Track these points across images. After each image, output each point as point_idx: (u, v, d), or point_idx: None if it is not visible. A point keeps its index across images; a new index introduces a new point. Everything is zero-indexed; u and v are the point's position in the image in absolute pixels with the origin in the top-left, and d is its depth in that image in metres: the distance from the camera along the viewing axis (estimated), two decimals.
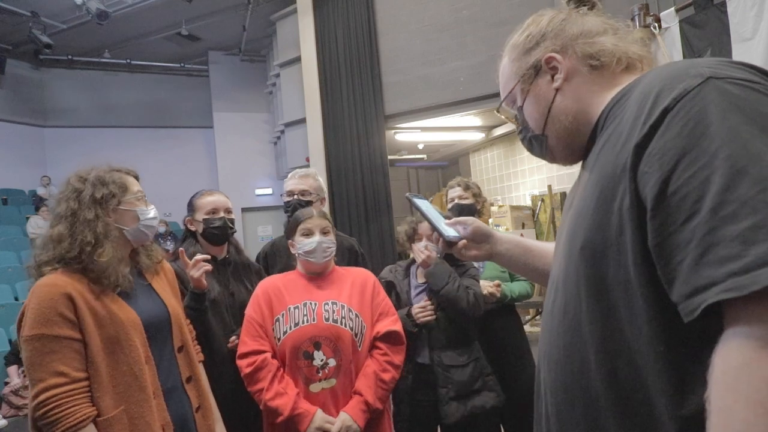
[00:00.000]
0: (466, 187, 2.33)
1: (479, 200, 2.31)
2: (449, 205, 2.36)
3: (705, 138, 0.47)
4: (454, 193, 2.36)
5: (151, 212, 1.28)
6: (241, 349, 1.52)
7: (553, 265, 0.77)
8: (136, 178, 1.33)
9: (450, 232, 0.96)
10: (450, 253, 0.97)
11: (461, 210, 2.34)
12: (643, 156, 0.52)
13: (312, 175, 2.16)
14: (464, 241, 0.96)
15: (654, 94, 0.53)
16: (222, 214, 1.78)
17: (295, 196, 2.06)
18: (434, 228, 0.96)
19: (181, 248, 1.61)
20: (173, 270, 1.49)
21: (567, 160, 0.79)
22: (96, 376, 1.10)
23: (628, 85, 0.65)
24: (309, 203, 2.05)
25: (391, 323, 1.61)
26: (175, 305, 1.34)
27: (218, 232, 1.77)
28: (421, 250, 1.80)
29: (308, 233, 1.59)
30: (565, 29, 0.73)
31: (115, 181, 1.23)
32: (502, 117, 0.88)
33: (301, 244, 1.58)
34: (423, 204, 1.03)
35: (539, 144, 0.78)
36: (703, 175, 0.46)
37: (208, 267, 1.57)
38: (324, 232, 1.60)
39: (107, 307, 1.14)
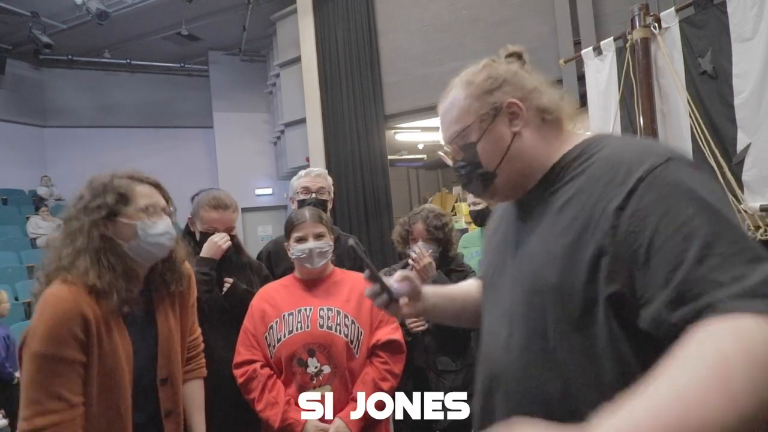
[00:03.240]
0: None
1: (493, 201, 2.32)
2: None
3: (680, 204, 0.57)
4: (469, 200, 2.37)
5: (159, 227, 1.13)
6: (235, 359, 1.55)
7: (492, 301, 0.84)
8: (156, 186, 1.19)
9: (396, 288, 0.93)
10: (445, 257, 0.94)
11: (476, 216, 2.34)
12: (622, 216, 0.61)
13: (324, 175, 2.16)
14: (406, 299, 0.95)
15: (626, 164, 0.64)
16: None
17: (313, 195, 2.06)
18: (380, 282, 0.92)
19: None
20: (195, 288, 1.38)
21: (507, 197, 0.85)
22: (87, 404, 1.03)
23: (581, 144, 0.76)
24: (324, 202, 2.05)
25: (392, 331, 1.59)
26: (167, 331, 1.22)
27: None
28: (424, 254, 1.77)
29: (301, 239, 1.57)
30: (522, 81, 0.79)
31: (115, 190, 1.11)
32: (445, 151, 0.89)
33: (295, 250, 1.57)
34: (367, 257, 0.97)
35: (484, 180, 0.81)
36: (684, 234, 0.55)
37: (228, 244, 1.70)
38: (318, 236, 1.57)
39: (112, 335, 1.06)
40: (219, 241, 1.68)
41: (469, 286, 1.04)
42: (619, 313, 0.61)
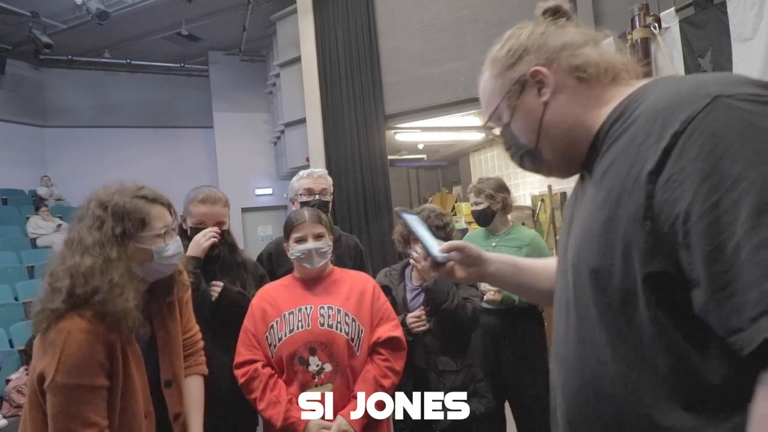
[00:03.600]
0: (479, 192, 2.33)
1: (495, 201, 2.30)
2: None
3: (726, 160, 0.46)
4: (471, 200, 2.39)
5: (171, 249, 1.15)
6: (236, 359, 1.55)
7: (557, 285, 0.76)
8: (167, 206, 1.19)
9: (439, 253, 0.94)
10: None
11: (477, 216, 2.37)
12: (657, 182, 0.51)
13: (325, 176, 2.17)
14: (452, 263, 0.94)
15: (661, 117, 0.53)
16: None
17: (316, 196, 2.06)
18: (424, 247, 0.95)
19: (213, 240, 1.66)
20: (190, 294, 1.39)
21: (565, 173, 0.77)
22: (110, 425, 1.06)
23: (625, 101, 0.64)
24: (327, 203, 2.07)
25: (392, 329, 1.60)
26: (165, 335, 1.24)
27: None
28: (419, 260, 1.75)
29: (301, 240, 1.57)
30: (546, 42, 0.71)
31: (134, 215, 1.10)
32: (492, 131, 0.84)
33: (294, 250, 1.58)
34: (413, 220, 1.01)
35: (532, 158, 0.76)
36: (730, 201, 0.45)
37: (215, 239, 1.67)
38: (317, 237, 1.58)
39: (127, 358, 1.09)
40: (201, 239, 1.66)
41: (552, 263, 0.94)
42: (666, 297, 0.53)
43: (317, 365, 1.49)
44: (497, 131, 0.81)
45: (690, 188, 0.48)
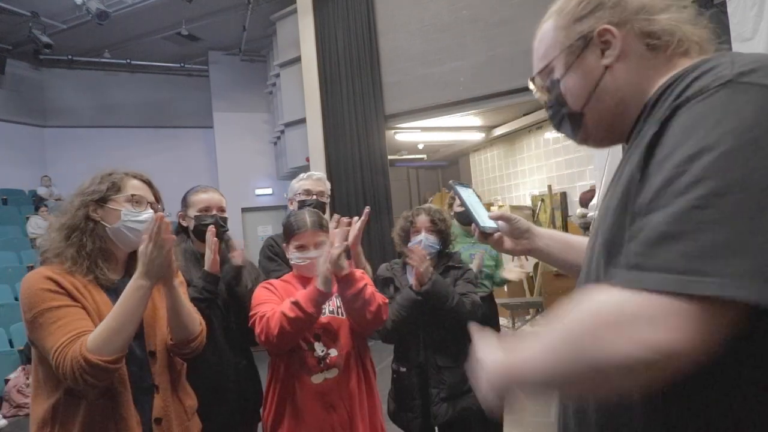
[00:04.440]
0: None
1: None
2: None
3: (710, 137, 0.46)
4: (455, 203, 2.43)
5: (141, 216, 1.24)
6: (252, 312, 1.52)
7: None
8: (147, 182, 1.31)
9: (487, 222, 0.97)
10: (444, 254, 0.94)
11: (459, 217, 2.42)
12: (652, 156, 0.52)
13: (324, 180, 2.25)
14: (499, 233, 0.96)
15: (677, 90, 0.53)
16: (214, 212, 1.74)
17: (314, 196, 2.11)
18: (471, 217, 0.98)
19: (211, 226, 1.63)
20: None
21: (601, 142, 0.74)
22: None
23: (671, 78, 0.60)
24: (323, 204, 2.12)
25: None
26: (152, 306, 1.27)
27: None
28: (415, 260, 1.76)
29: (301, 247, 1.58)
30: (624, 1, 0.66)
31: (109, 181, 1.24)
32: (532, 89, 0.80)
33: (294, 256, 1.60)
34: (465, 192, 1.05)
35: (573, 122, 0.72)
36: (687, 182, 0.46)
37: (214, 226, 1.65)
38: (318, 245, 1.58)
39: (92, 295, 1.16)
40: (209, 238, 1.60)
41: None
42: None
43: (323, 350, 1.51)
44: (537, 84, 0.77)
45: (669, 167, 0.48)
